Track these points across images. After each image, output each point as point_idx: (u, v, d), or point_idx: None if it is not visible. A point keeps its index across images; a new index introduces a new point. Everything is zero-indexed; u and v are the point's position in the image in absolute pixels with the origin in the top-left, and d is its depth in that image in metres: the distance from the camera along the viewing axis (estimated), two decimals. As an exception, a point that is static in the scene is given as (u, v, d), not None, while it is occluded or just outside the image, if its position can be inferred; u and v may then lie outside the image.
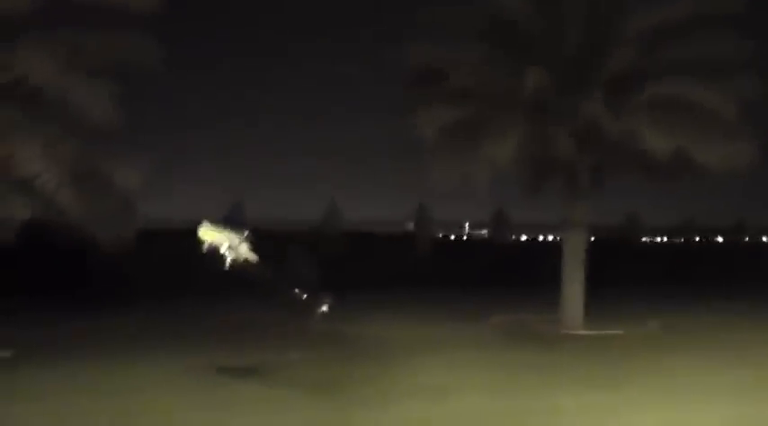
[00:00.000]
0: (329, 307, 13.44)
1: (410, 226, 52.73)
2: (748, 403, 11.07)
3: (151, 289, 24.66)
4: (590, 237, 19.49)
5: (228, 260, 12.69)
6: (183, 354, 14.53)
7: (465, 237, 74.79)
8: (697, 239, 60.84)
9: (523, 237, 72.04)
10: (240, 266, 12.78)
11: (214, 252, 12.68)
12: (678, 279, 32.06)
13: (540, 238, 70.75)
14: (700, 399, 11.31)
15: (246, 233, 12.81)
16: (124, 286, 24.27)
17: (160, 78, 16.10)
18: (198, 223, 12.77)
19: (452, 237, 72.52)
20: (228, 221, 12.87)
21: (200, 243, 12.69)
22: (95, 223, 14.47)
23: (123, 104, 14.36)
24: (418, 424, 9.88)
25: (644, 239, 59.79)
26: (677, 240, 62.98)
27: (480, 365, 14.00)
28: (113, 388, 11.63)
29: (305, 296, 13.21)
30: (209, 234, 12.70)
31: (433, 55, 18.02)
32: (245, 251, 12.75)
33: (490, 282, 28.68)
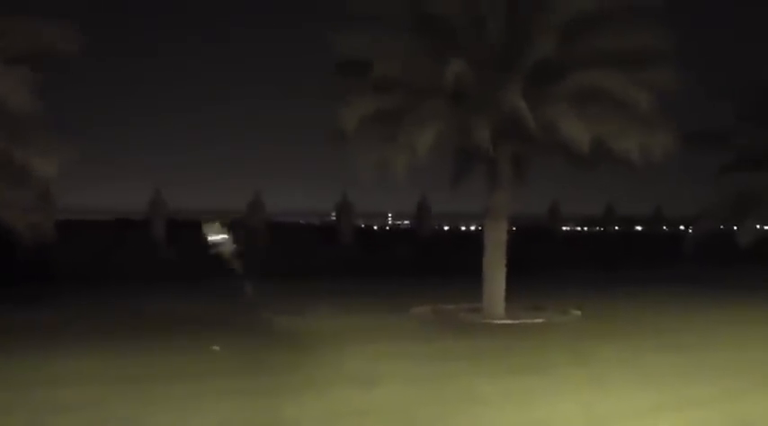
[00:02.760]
0: None
1: (333, 216, 52.60)
2: (665, 390, 11.30)
3: (73, 280, 24.17)
4: (510, 227, 19.67)
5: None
6: (106, 348, 14.34)
7: (387, 227, 74.75)
8: (616, 228, 61.76)
9: (446, 227, 72.13)
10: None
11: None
12: (598, 267, 32.46)
13: (463, 228, 70.90)
14: (617, 385, 11.50)
15: None
16: (44, 277, 23.72)
17: (82, 66, 15.89)
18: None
19: (375, 228, 72.44)
20: None
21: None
22: (10, 212, 14.16)
23: (44, 92, 14.05)
24: (345, 412, 9.89)
25: (564, 228, 60.43)
26: (597, 229, 63.75)
27: (405, 354, 14.05)
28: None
29: None
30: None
31: (357, 44, 17.99)
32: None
33: (413, 272, 28.75)
